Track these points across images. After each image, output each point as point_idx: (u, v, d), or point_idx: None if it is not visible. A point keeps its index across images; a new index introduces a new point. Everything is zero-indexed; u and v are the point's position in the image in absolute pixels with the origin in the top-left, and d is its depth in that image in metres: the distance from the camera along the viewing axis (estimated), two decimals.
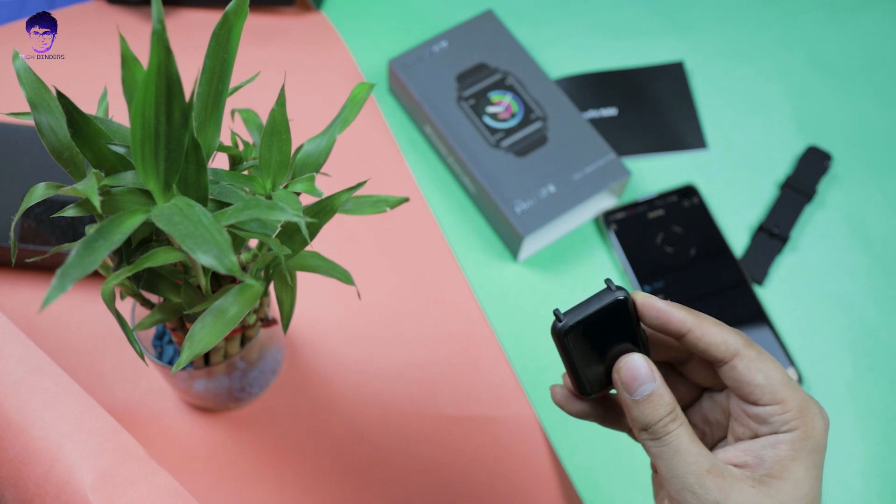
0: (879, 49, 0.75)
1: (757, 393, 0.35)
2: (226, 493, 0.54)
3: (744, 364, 0.35)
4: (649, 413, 0.35)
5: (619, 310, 0.37)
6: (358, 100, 0.43)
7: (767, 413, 0.35)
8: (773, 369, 0.36)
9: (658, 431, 0.35)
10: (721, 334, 0.36)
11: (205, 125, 0.38)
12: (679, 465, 0.34)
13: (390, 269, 0.63)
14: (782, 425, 0.35)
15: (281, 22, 0.74)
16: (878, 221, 0.67)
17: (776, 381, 0.35)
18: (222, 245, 0.31)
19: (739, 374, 0.36)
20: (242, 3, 0.37)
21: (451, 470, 0.56)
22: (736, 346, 0.36)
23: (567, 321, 0.37)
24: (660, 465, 0.35)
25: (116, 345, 0.58)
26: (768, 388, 0.35)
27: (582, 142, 0.65)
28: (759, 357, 0.36)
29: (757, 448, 0.35)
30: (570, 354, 0.38)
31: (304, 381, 0.58)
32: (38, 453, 0.44)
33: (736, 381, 0.36)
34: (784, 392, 0.35)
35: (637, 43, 0.75)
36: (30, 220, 0.57)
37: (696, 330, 0.36)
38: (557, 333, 0.37)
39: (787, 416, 0.35)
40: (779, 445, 0.35)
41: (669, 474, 0.35)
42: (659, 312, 0.37)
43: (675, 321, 0.36)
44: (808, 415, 0.35)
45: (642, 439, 0.36)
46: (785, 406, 0.35)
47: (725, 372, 0.36)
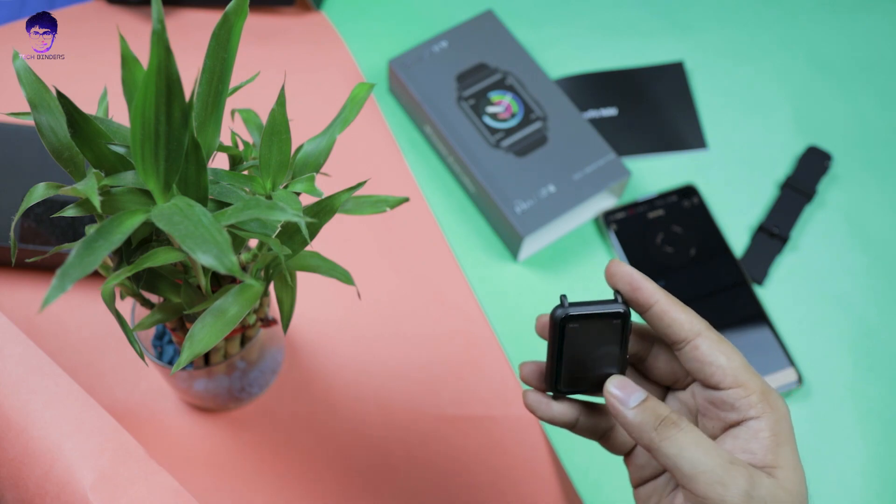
0: (879, 49, 0.75)
1: (718, 375, 0.36)
2: (226, 493, 0.54)
3: (706, 345, 0.36)
4: (652, 412, 0.36)
5: (618, 322, 0.38)
6: (358, 100, 0.43)
7: (731, 397, 0.36)
8: (733, 353, 0.36)
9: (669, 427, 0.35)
10: (685, 314, 0.37)
11: (205, 125, 0.38)
12: (704, 457, 0.34)
13: (390, 269, 0.63)
14: (749, 409, 0.35)
15: (281, 22, 0.74)
16: (878, 221, 0.67)
17: (737, 363, 0.36)
18: (222, 245, 0.31)
19: (702, 354, 0.36)
20: (242, 3, 0.37)
21: (451, 469, 0.56)
22: (699, 328, 0.37)
23: (570, 310, 0.38)
24: (681, 462, 0.34)
25: (116, 345, 0.58)
26: (729, 370, 0.36)
27: (582, 142, 0.65)
28: (720, 340, 0.37)
29: (742, 443, 0.35)
30: (558, 344, 0.38)
31: (305, 381, 0.58)
32: (38, 453, 0.44)
33: (698, 363, 0.36)
34: (745, 375, 0.36)
35: (637, 43, 0.75)
36: (30, 220, 0.57)
37: (664, 303, 0.37)
38: (558, 317, 0.38)
39: (751, 398, 0.35)
40: (759, 434, 0.35)
41: (695, 469, 0.34)
42: (631, 279, 0.38)
43: (645, 290, 0.37)
44: (771, 398, 0.36)
45: (654, 442, 0.35)
46: (747, 389, 0.36)
47: (687, 353, 0.37)
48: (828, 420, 0.59)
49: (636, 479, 0.40)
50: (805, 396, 0.60)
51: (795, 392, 0.60)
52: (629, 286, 0.38)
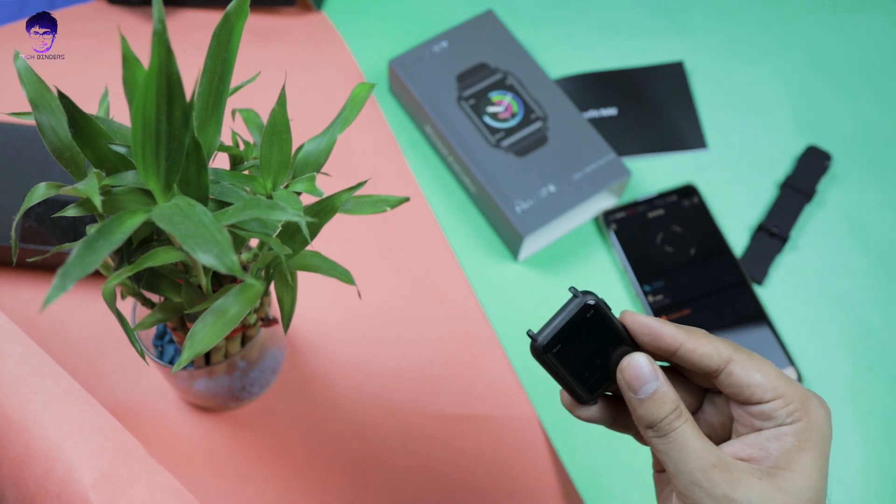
0: (879, 49, 0.75)
1: (758, 393, 0.35)
2: (226, 492, 0.54)
3: (739, 368, 0.36)
4: (654, 411, 0.36)
5: (591, 313, 0.37)
6: (358, 100, 0.43)
7: (771, 409, 0.35)
8: (768, 367, 0.36)
9: (663, 428, 0.35)
10: (711, 344, 0.36)
11: (205, 125, 0.38)
12: (686, 461, 0.35)
13: (390, 269, 0.63)
14: (786, 417, 0.35)
15: (281, 22, 0.74)
16: (878, 221, 0.67)
17: (774, 377, 0.36)
18: (223, 245, 0.31)
19: (737, 378, 0.36)
20: (243, 4, 0.37)
21: (451, 469, 0.56)
22: (728, 352, 0.36)
23: (542, 339, 0.37)
24: (667, 462, 0.35)
25: (117, 344, 0.58)
26: (768, 385, 0.35)
27: (582, 142, 0.65)
28: (751, 358, 0.36)
29: (762, 441, 0.35)
30: (556, 369, 0.37)
31: (305, 381, 0.58)
32: (38, 452, 0.44)
33: (735, 387, 0.36)
34: (784, 387, 0.35)
35: (637, 43, 0.75)
36: (31, 219, 0.57)
37: (688, 343, 0.36)
38: (536, 353, 0.37)
39: (790, 407, 0.35)
40: (783, 437, 0.35)
41: (677, 470, 0.35)
42: (651, 329, 0.37)
43: (667, 337, 0.36)
44: (811, 405, 0.35)
45: (648, 437, 0.36)
46: (787, 399, 0.35)
47: (723, 380, 0.36)
48: None
49: (658, 465, 0.40)
50: None
51: None
52: (649, 337, 0.37)
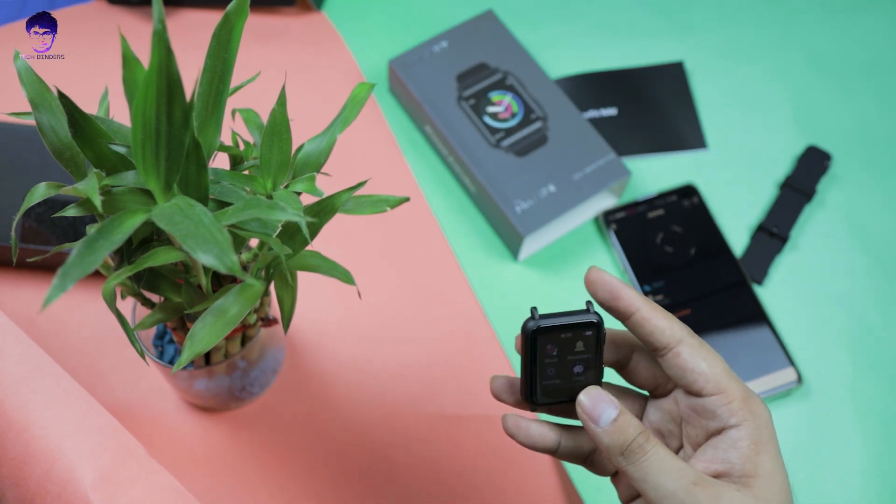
0: (879, 49, 0.75)
1: (700, 381, 0.36)
2: (226, 492, 0.54)
3: (688, 352, 0.36)
4: (620, 436, 0.35)
5: (591, 331, 0.38)
6: (358, 100, 0.43)
7: (713, 404, 0.36)
8: (715, 359, 0.36)
9: (635, 452, 0.35)
10: (667, 320, 0.36)
11: (205, 125, 0.38)
12: (666, 483, 0.34)
13: (391, 269, 0.63)
14: (730, 417, 0.35)
15: (281, 22, 0.74)
16: (878, 221, 0.67)
17: (718, 370, 0.36)
18: (223, 245, 0.31)
19: (683, 361, 0.36)
20: (243, 4, 0.37)
21: (451, 469, 0.56)
22: (681, 334, 0.36)
23: (540, 321, 0.37)
24: (646, 487, 0.35)
25: (117, 344, 0.58)
26: (711, 377, 0.36)
27: (582, 142, 0.65)
28: (701, 346, 0.36)
29: (720, 454, 0.36)
30: (533, 355, 0.38)
31: (305, 381, 0.58)
32: (38, 452, 0.44)
33: (680, 370, 0.36)
34: (726, 382, 0.36)
35: (637, 43, 0.75)
36: (31, 219, 0.57)
37: (644, 311, 0.37)
38: (528, 330, 0.37)
39: (732, 405, 0.35)
40: (739, 444, 0.35)
41: (658, 494, 0.34)
42: (611, 287, 0.37)
43: (626, 299, 0.37)
44: (752, 404, 0.36)
45: (623, 467, 0.35)
46: (728, 395, 0.35)
47: (669, 360, 0.36)
48: (827, 420, 0.59)
49: (625, 497, 0.40)
50: (804, 396, 0.60)
51: (795, 392, 0.60)
52: (609, 294, 0.37)
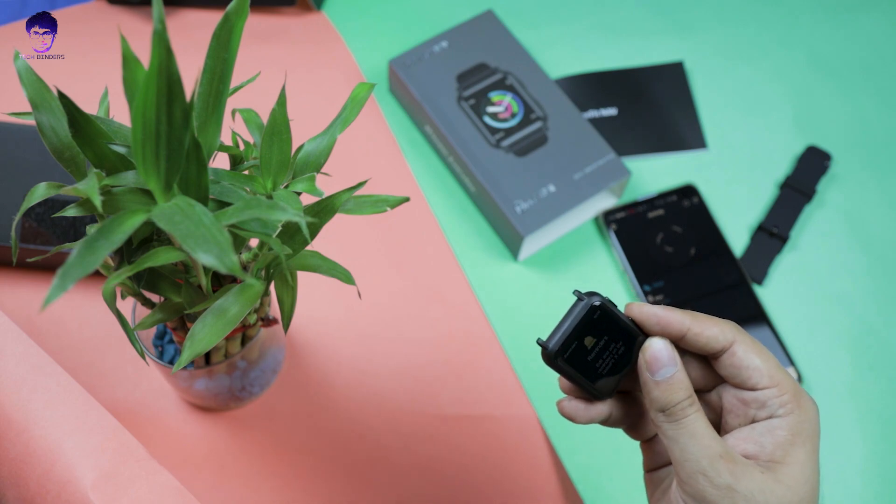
0: (879, 49, 0.75)
1: (755, 377, 0.36)
2: (226, 492, 0.54)
3: (742, 350, 0.37)
4: (669, 395, 0.36)
5: (598, 314, 0.38)
6: (358, 100, 0.43)
7: (765, 396, 0.36)
8: (768, 355, 0.37)
9: (676, 413, 0.36)
10: (717, 326, 0.37)
11: (206, 125, 0.38)
12: (693, 449, 0.35)
13: (391, 269, 0.63)
14: (779, 408, 0.36)
15: (281, 22, 0.74)
16: (878, 221, 0.67)
17: (773, 365, 0.37)
18: (223, 245, 0.31)
19: (738, 359, 0.37)
20: (243, 4, 0.37)
21: (451, 469, 0.56)
22: (732, 334, 0.37)
23: (552, 346, 0.37)
24: (674, 448, 0.36)
25: (117, 344, 0.58)
26: (766, 371, 0.36)
27: (582, 142, 0.65)
28: (753, 343, 0.37)
29: (755, 436, 0.36)
30: (569, 374, 0.38)
31: (305, 381, 0.58)
32: (39, 452, 0.44)
33: (735, 368, 0.37)
34: (780, 376, 0.36)
35: (637, 43, 0.75)
36: (31, 219, 0.57)
37: (695, 327, 0.37)
38: (549, 360, 0.37)
39: (784, 398, 0.36)
40: (777, 431, 0.36)
41: (682, 457, 0.35)
42: (658, 318, 0.38)
43: (675, 323, 0.37)
44: (803, 399, 0.36)
45: (659, 422, 0.36)
46: (782, 388, 0.36)
47: (724, 360, 0.37)
48: (828, 419, 0.59)
49: (649, 464, 0.41)
50: None
51: None
52: (658, 326, 0.38)
